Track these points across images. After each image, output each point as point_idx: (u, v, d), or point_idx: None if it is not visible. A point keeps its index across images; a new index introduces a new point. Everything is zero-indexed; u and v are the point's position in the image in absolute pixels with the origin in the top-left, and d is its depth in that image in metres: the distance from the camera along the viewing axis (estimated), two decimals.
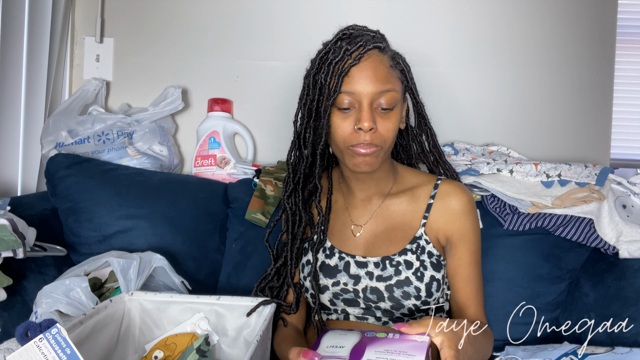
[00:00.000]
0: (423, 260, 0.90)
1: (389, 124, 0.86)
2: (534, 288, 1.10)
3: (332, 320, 0.94)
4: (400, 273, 0.88)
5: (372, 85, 0.84)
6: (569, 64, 1.41)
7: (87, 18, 1.46)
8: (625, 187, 1.13)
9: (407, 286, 0.88)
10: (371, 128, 0.83)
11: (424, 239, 0.91)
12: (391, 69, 0.87)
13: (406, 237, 0.92)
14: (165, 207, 1.20)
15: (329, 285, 0.91)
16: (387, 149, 0.88)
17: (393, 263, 0.89)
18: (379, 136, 0.85)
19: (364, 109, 0.84)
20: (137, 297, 0.88)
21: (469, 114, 1.42)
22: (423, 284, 0.88)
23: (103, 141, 1.30)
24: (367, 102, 0.84)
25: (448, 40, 1.42)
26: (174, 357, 0.84)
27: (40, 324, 0.64)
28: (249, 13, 1.45)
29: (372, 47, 0.86)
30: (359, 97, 0.84)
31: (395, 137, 0.89)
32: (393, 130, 0.86)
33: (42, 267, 1.06)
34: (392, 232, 0.93)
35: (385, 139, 0.86)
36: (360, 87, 0.84)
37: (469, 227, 0.92)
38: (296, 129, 0.97)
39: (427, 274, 0.89)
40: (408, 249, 0.90)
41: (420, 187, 0.96)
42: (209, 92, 1.46)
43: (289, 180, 0.99)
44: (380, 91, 0.84)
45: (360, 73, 0.84)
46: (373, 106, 0.85)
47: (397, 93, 0.86)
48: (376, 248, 0.93)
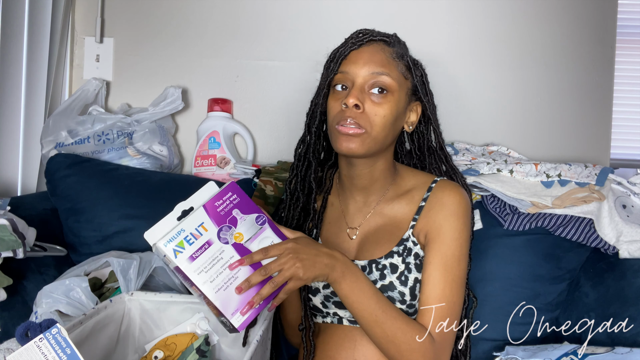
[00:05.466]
0: (408, 262, 0.88)
1: (379, 109, 0.85)
2: (534, 288, 1.10)
3: (326, 323, 0.93)
4: (385, 277, 0.87)
5: (366, 66, 0.86)
6: (569, 64, 1.41)
7: (87, 18, 1.46)
8: (625, 187, 1.13)
9: (392, 291, 0.86)
10: (356, 105, 0.84)
11: (412, 240, 0.90)
12: (392, 59, 0.88)
13: (393, 240, 0.90)
14: (165, 207, 1.18)
15: (320, 288, 0.91)
16: (375, 136, 0.85)
17: (379, 267, 0.88)
18: (365, 118, 0.84)
19: (354, 87, 0.85)
20: (137, 297, 0.88)
21: (468, 114, 1.42)
22: (407, 288, 0.86)
23: (103, 141, 1.30)
24: (359, 82, 0.86)
25: (448, 41, 1.42)
26: (174, 357, 0.84)
27: (40, 324, 0.64)
28: (249, 13, 1.45)
29: (378, 40, 0.89)
30: (352, 77, 0.86)
31: (388, 130, 0.87)
32: (383, 116, 0.85)
33: (42, 267, 1.06)
34: (381, 235, 0.92)
35: (372, 124, 0.85)
36: (354, 68, 0.86)
37: (447, 228, 0.87)
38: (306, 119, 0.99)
39: (411, 277, 0.87)
40: (395, 252, 0.89)
41: (416, 189, 0.94)
42: (209, 92, 1.46)
43: (292, 167, 1.01)
44: (373, 72, 0.85)
45: (357, 55, 0.87)
46: (365, 88, 0.86)
47: (392, 80, 0.86)
48: (364, 251, 0.92)
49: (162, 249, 0.72)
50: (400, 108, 0.89)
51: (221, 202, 0.78)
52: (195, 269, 0.72)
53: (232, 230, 0.77)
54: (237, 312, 0.72)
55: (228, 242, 0.76)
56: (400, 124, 0.92)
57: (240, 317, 0.72)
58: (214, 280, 0.72)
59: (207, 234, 0.75)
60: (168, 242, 0.72)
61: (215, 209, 0.77)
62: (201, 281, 0.71)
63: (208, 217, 0.76)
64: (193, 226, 0.74)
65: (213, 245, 0.74)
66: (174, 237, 0.73)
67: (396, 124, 0.89)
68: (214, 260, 0.73)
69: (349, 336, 0.89)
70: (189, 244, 0.73)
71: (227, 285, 0.73)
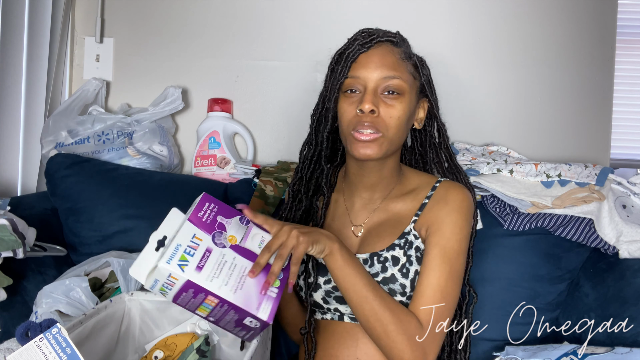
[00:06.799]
0: (410, 255, 0.89)
1: (393, 112, 0.86)
2: (534, 288, 1.10)
3: (327, 320, 0.94)
4: (386, 270, 0.88)
5: (378, 70, 0.86)
6: (569, 64, 1.41)
7: (87, 18, 1.46)
8: (625, 187, 1.13)
9: (393, 283, 0.87)
10: (372, 110, 0.85)
11: (413, 234, 0.91)
12: (401, 60, 0.89)
13: (395, 233, 0.91)
14: (165, 207, 1.17)
15: (321, 284, 0.91)
16: (391, 138, 0.87)
17: (380, 259, 0.89)
18: (381, 121, 0.86)
19: (367, 92, 0.86)
20: (137, 297, 0.88)
21: (469, 114, 1.42)
22: (408, 280, 0.87)
23: (103, 141, 1.30)
24: (371, 86, 0.86)
25: (448, 41, 1.42)
26: (174, 357, 0.84)
27: (40, 324, 0.64)
28: (249, 13, 1.45)
29: (385, 40, 0.89)
30: (364, 82, 0.87)
31: (403, 130, 0.89)
32: (397, 118, 0.87)
33: (42, 267, 1.06)
34: (383, 229, 0.93)
35: (387, 126, 0.86)
36: (366, 72, 0.87)
37: (448, 222, 0.89)
38: (312, 122, 1.00)
39: (412, 269, 0.88)
40: (396, 244, 0.90)
41: (420, 188, 0.95)
42: (209, 92, 1.46)
43: (297, 169, 1.01)
44: (385, 76, 0.86)
45: (367, 59, 0.88)
46: (378, 92, 0.87)
47: (404, 82, 0.87)
48: (366, 245, 0.93)
49: (166, 267, 0.69)
50: (412, 107, 0.91)
51: (203, 213, 0.77)
52: (206, 277, 0.70)
53: (224, 235, 0.76)
54: (261, 305, 0.71)
55: (225, 245, 0.75)
56: (411, 123, 0.94)
57: (266, 309, 0.71)
58: (228, 283, 0.71)
59: (203, 243, 0.74)
60: (170, 260, 0.69)
61: (200, 220, 0.76)
62: (216, 287, 0.70)
63: (197, 228, 0.75)
64: (187, 239, 0.73)
65: (213, 251, 0.73)
66: (173, 253, 0.70)
67: (408, 124, 0.92)
68: (220, 264, 0.72)
69: (350, 334, 0.90)
70: (190, 256, 0.71)
71: (242, 284, 0.72)
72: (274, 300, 0.72)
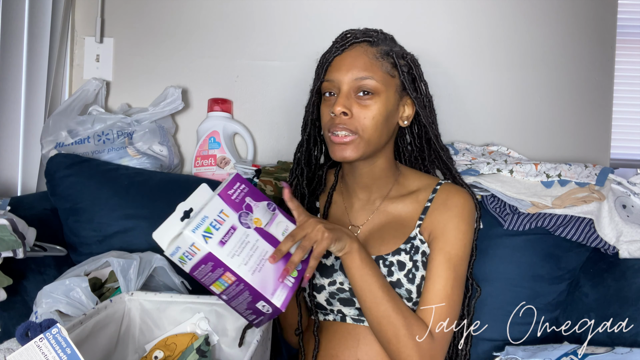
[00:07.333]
0: (416, 260, 0.89)
1: (368, 112, 0.87)
2: (534, 288, 1.10)
3: (329, 321, 0.94)
4: (392, 274, 0.88)
5: (350, 72, 0.87)
6: (569, 64, 1.41)
7: (87, 18, 1.46)
8: (625, 187, 1.13)
9: (399, 288, 0.87)
10: (344, 112, 0.86)
11: (419, 238, 0.91)
12: (376, 60, 0.89)
13: (400, 237, 0.91)
14: (165, 207, 1.17)
15: (325, 285, 0.91)
16: (367, 138, 0.87)
17: (386, 263, 0.89)
18: (356, 122, 0.87)
19: (340, 95, 0.87)
20: (137, 297, 0.88)
21: (468, 114, 1.42)
22: (414, 286, 0.87)
23: (103, 141, 1.30)
24: (344, 88, 0.88)
25: (448, 41, 1.42)
26: (174, 357, 0.84)
27: (40, 324, 0.64)
28: (249, 13, 1.45)
29: (361, 41, 0.90)
30: (338, 85, 0.89)
31: (381, 130, 0.88)
32: (372, 118, 0.87)
33: (42, 267, 1.06)
34: (387, 232, 0.93)
35: (363, 127, 0.87)
36: (339, 75, 0.88)
37: (451, 228, 0.89)
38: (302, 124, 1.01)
39: (419, 275, 0.88)
40: (402, 249, 0.90)
41: (421, 190, 0.95)
42: (209, 92, 1.46)
43: (292, 170, 1.03)
44: (357, 77, 0.87)
45: (341, 62, 0.89)
46: (352, 93, 0.88)
47: (377, 82, 0.87)
48: (369, 247, 0.92)
49: (191, 236, 0.69)
50: (391, 106, 0.90)
51: (233, 191, 0.78)
52: (227, 253, 0.70)
53: (250, 216, 0.77)
54: (276, 291, 0.71)
55: (250, 226, 0.76)
56: (393, 121, 0.92)
57: (281, 296, 0.71)
58: (248, 263, 0.71)
59: (229, 220, 0.74)
60: (195, 229, 0.70)
61: (230, 197, 0.77)
62: (236, 264, 0.70)
63: (226, 204, 0.76)
64: (215, 213, 0.73)
65: (238, 229, 0.74)
66: (200, 224, 0.71)
67: (389, 123, 0.91)
68: (242, 244, 0.73)
69: (352, 334, 0.90)
70: (215, 229, 0.71)
71: (261, 267, 0.72)
72: (290, 289, 0.73)
